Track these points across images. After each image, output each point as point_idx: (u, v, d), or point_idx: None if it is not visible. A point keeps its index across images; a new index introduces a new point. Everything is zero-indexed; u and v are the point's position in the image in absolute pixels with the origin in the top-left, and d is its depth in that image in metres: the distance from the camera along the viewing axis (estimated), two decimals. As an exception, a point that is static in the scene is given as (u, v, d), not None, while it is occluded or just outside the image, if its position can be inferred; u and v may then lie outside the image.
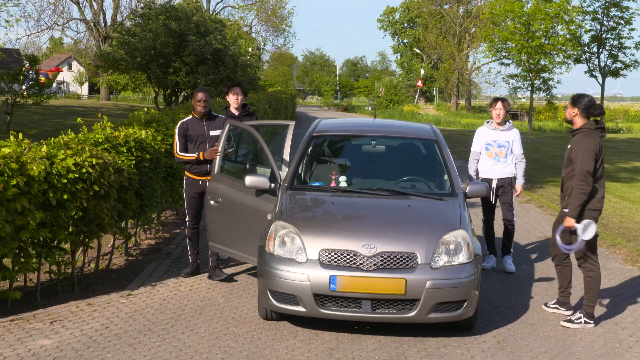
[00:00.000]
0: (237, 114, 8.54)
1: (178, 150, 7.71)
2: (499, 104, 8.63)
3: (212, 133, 7.71)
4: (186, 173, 7.87)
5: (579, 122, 6.58)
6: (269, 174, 7.13)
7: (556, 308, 6.98)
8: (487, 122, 8.79)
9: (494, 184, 8.58)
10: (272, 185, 6.93)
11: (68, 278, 7.20)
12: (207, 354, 5.56)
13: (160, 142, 9.22)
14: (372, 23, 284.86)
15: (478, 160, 8.74)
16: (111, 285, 7.39)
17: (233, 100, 8.52)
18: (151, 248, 9.15)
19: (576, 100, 6.59)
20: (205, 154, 7.66)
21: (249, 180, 6.92)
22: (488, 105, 8.82)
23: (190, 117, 7.82)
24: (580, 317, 6.64)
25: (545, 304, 7.12)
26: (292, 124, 7.97)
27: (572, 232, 6.57)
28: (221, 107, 14.62)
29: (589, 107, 6.56)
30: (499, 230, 8.96)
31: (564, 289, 6.97)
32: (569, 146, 6.56)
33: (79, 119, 8.28)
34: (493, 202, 8.66)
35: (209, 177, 7.66)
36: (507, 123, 8.71)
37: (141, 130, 8.78)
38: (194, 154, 7.66)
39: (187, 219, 7.90)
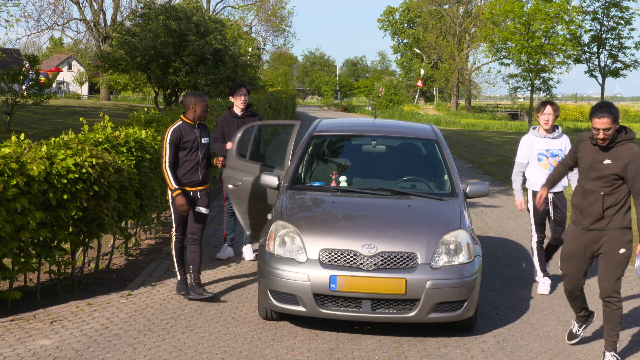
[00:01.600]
0: (240, 114, 8.45)
1: (168, 160, 6.85)
2: (548, 109, 7.68)
3: (204, 140, 7.09)
4: None
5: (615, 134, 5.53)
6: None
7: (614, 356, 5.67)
8: (534, 129, 7.81)
9: (550, 197, 7.66)
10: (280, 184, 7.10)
11: (68, 278, 7.20)
12: (207, 354, 5.56)
13: (160, 142, 9.22)
14: (372, 23, 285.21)
15: (523, 172, 7.84)
16: (111, 285, 7.39)
17: (240, 101, 8.44)
18: (151, 248, 9.15)
19: (617, 115, 5.46)
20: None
21: (262, 178, 7.21)
22: (535, 109, 7.87)
23: (180, 122, 6.99)
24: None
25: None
26: (297, 123, 7.91)
27: None
28: (221, 107, 14.64)
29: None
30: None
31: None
32: (608, 161, 5.46)
33: (81, 119, 8.29)
34: (552, 217, 7.74)
35: (200, 188, 7.07)
36: (557, 129, 7.77)
37: (141, 130, 8.78)
38: (176, 187, 6.86)
39: (172, 232, 7.12)
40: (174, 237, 7.10)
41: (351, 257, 5.89)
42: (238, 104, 8.45)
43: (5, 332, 5.78)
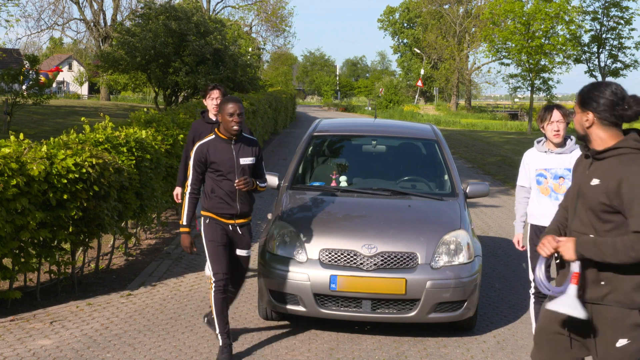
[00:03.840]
0: (214, 119, 7.21)
1: (190, 185, 5.50)
2: (556, 114, 5.63)
3: (243, 161, 5.51)
4: (204, 212, 5.56)
5: (602, 135, 3.48)
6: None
7: None
8: (538, 142, 5.92)
9: None
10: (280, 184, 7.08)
11: (68, 278, 7.20)
12: (207, 354, 5.56)
13: (160, 142, 9.22)
14: (372, 23, 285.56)
15: (529, 197, 5.96)
16: (111, 285, 7.39)
17: (212, 105, 7.20)
18: (151, 248, 9.15)
19: (588, 96, 3.49)
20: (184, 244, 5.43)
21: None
22: (537, 118, 5.79)
23: (212, 136, 5.55)
24: None
25: None
26: None
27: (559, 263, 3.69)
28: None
29: (615, 104, 3.42)
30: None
31: None
32: (596, 182, 3.45)
33: (82, 118, 8.29)
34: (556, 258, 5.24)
35: (240, 221, 5.55)
36: (569, 141, 5.76)
37: (141, 130, 8.78)
38: (185, 225, 5.45)
39: (211, 277, 5.44)
40: (213, 283, 5.38)
41: (351, 257, 5.89)
42: (210, 109, 7.25)
43: (5, 332, 5.78)
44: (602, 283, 3.45)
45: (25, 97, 21.55)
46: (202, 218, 5.56)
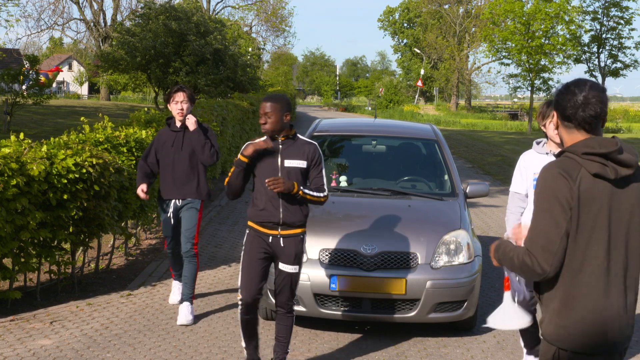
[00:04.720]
0: (179, 126, 6.51)
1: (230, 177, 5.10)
2: None
3: (289, 163, 4.93)
4: (249, 222, 5.08)
5: (565, 138, 3.04)
6: None
7: None
8: (537, 143, 5.26)
9: None
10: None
11: (68, 278, 7.20)
12: (207, 354, 5.56)
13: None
14: (372, 23, 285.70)
15: (524, 208, 5.26)
16: (111, 285, 7.39)
17: (176, 111, 6.44)
18: (151, 248, 9.15)
19: (555, 95, 3.10)
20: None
21: None
22: (538, 115, 5.22)
23: (265, 137, 5.07)
24: None
25: None
26: None
27: None
28: (222, 107, 14.58)
29: (574, 104, 2.95)
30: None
31: None
32: None
33: (82, 118, 8.29)
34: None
35: (284, 232, 4.93)
36: None
37: (141, 130, 8.79)
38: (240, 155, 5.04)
39: (239, 296, 5.03)
40: (240, 303, 5.02)
41: (351, 257, 5.89)
42: (175, 114, 6.49)
43: (5, 332, 5.78)
44: (542, 306, 2.99)
45: (25, 97, 21.55)
46: (246, 229, 5.12)
